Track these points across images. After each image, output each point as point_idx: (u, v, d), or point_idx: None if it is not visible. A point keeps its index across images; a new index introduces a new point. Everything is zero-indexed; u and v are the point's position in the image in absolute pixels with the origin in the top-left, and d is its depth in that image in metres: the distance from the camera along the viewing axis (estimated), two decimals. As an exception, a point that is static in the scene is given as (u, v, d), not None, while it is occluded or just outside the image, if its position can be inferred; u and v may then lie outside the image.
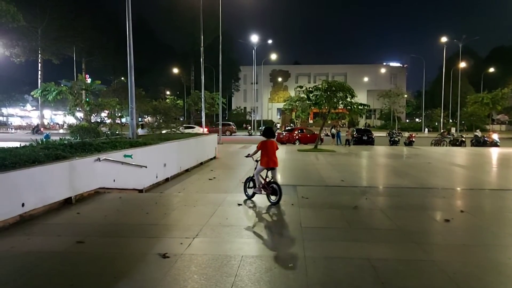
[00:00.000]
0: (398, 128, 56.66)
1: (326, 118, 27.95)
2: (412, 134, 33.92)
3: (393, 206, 9.01)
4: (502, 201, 9.66)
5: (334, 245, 5.78)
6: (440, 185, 11.99)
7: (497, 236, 6.39)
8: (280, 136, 33.87)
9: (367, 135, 34.11)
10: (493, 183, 13.46)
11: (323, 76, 68.96)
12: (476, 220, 7.55)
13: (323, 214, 7.72)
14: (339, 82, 25.96)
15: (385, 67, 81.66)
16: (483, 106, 57.43)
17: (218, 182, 12.61)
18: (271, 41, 58.47)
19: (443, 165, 18.36)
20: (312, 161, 18.79)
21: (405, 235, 6.31)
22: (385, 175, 15.23)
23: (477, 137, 35.16)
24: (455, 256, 5.41)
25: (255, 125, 55.96)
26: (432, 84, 79.35)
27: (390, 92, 64.49)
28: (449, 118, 67.01)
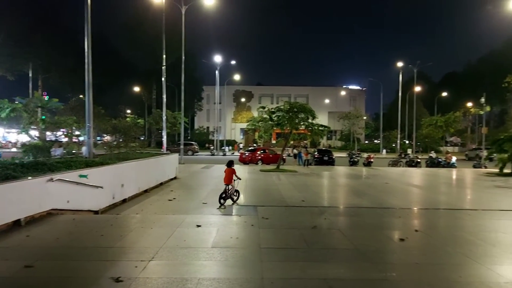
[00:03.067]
0: (357, 149, 58.09)
1: (288, 139, 28.26)
2: (371, 155, 34.81)
3: (351, 225, 9.15)
4: (455, 221, 10.02)
5: (292, 265, 5.78)
6: (397, 205, 12.31)
7: (450, 255, 6.59)
8: (243, 156, 33.89)
9: (328, 155, 34.71)
10: (447, 202, 13.97)
11: (285, 97, 69.95)
12: (429, 239, 7.79)
13: (282, 235, 7.72)
14: (300, 104, 26.42)
15: (345, 89, 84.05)
16: (437, 128, 60.05)
17: (178, 203, 12.39)
18: (235, 62, 58.90)
19: (399, 185, 18.91)
20: (274, 182, 18.85)
21: (361, 255, 6.40)
22: (345, 195, 15.49)
23: (431, 158, 36.53)
24: (409, 275, 5.53)
25: (218, 145, 55.75)
26: (389, 107, 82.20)
27: (350, 114, 66.23)
28: (406, 140, 69.43)
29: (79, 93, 60.09)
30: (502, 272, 5.52)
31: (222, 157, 46.22)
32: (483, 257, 6.30)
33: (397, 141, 61.58)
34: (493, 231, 8.52)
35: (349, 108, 74.74)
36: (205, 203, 11.72)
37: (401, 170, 29.25)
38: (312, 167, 29.68)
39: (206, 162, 33.37)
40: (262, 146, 44.10)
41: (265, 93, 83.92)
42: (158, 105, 60.25)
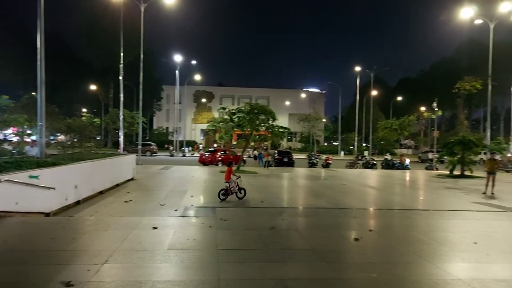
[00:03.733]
0: (317, 151, 59.10)
1: (249, 140, 28.33)
2: (329, 157, 35.51)
3: (309, 226, 9.29)
4: (407, 221, 10.38)
5: (249, 266, 5.78)
6: (353, 206, 12.61)
7: (402, 254, 6.82)
8: (203, 158, 33.61)
9: (288, 157, 35.08)
10: (400, 203, 14.46)
11: (246, 99, 70.22)
12: (383, 238, 8.03)
13: (240, 236, 7.72)
14: (261, 105, 26.54)
15: (305, 92, 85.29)
16: (392, 131, 62.17)
17: (134, 204, 12.10)
18: (195, 62, 58.15)
19: (356, 187, 19.39)
20: (233, 183, 18.82)
21: (317, 255, 6.50)
22: (303, 196, 15.70)
23: (387, 160, 37.72)
24: (363, 273, 5.67)
25: (177, 146, 55.00)
26: (347, 110, 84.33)
27: (310, 117, 67.33)
28: (363, 142, 71.39)
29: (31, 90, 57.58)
30: (449, 270, 5.77)
31: (182, 158, 45.66)
32: (433, 256, 6.57)
33: (355, 143, 63.20)
34: (442, 231, 8.90)
35: (309, 110, 75.98)
36: (163, 204, 11.53)
37: (358, 172, 30.01)
38: (272, 168, 29.89)
39: (165, 163, 32.83)
40: (223, 147, 43.96)
41: (226, 94, 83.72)
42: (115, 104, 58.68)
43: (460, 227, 9.30)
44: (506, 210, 12.20)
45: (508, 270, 5.94)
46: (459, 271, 5.78)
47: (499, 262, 6.32)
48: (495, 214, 11.60)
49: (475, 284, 5.11)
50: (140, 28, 30.66)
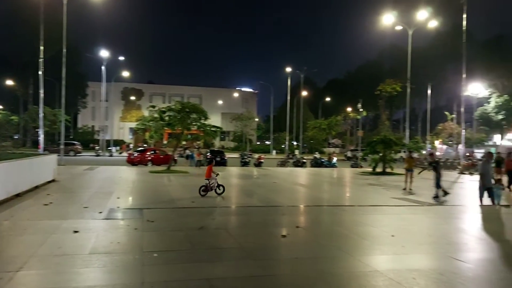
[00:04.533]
0: (249, 150, 59.63)
1: (180, 139, 27.86)
2: (261, 156, 35.99)
3: (238, 224, 9.33)
4: (333, 216, 10.80)
5: (175, 268, 5.66)
6: (283, 203, 12.86)
7: (326, 249, 7.06)
8: (131, 157, 32.45)
9: (220, 156, 35.03)
10: (327, 200, 15.02)
11: (178, 97, 68.85)
12: (309, 234, 8.27)
13: (167, 237, 7.55)
14: (192, 104, 26.24)
15: (237, 91, 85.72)
16: (321, 131, 64.56)
17: (55, 207, 11.36)
18: (123, 58, 55.93)
19: (287, 185, 19.84)
20: (164, 183, 18.42)
21: (245, 253, 6.54)
22: (235, 195, 15.74)
23: (316, 158, 39.08)
24: (288, 269, 5.80)
25: (104, 145, 52.66)
26: (279, 110, 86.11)
27: (242, 116, 67.82)
28: (294, 141, 73.26)
29: None
30: (369, 262, 6.07)
31: (109, 158, 43.82)
32: (354, 250, 6.88)
33: (286, 143, 64.69)
34: (364, 225, 9.36)
35: (242, 109, 76.51)
36: (86, 207, 10.94)
37: (289, 170, 30.74)
38: (205, 168, 29.59)
39: (90, 163, 31.28)
40: (153, 147, 42.83)
41: (156, 92, 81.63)
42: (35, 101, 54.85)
43: (380, 222, 9.85)
44: (422, 205, 13.12)
45: (421, 260, 6.37)
46: (377, 263, 6.10)
47: (413, 253, 6.77)
48: (412, 209, 12.43)
49: (391, 274, 5.42)
50: (63, 20, 28.93)
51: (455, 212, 12.10)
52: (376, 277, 5.35)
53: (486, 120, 67.45)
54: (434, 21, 36.67)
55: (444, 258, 6.45)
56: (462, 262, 6.23)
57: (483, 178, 12.75)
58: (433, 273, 5.58)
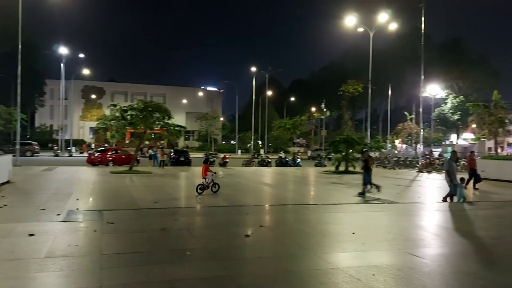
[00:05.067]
0: (214, 150, 59.36)
1: (143, 139, 27.37)
2: (226, 155, 35.89)
3: (201, 225, 9.26)
4: (296, 215, 10.90)
5: (135, 270, 5.54)
6: (247, 203, 12.87)
7: (288, 247, 7.11)
8: (91, 157, 31.53)
9: (185, 156, 34.68)
10: (291, 198, 15.15)
11: (141, 96, 67.57)
12: (272, 233, 8.31)
13: (127, 239, 7.38)
14: (155, 103, 25.83)
15: (202, 91, 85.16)
16: (286, 130, 65.08)
17: (9, 210, 10.86)
18: (84, 55, 54.15)
19: (251, 184, 19.88)
20: (125, 184, 18.01)
21: (208, 253, 6.49)
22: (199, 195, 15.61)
23: (280, 158, 39.38)
24: (250, 269, 5.79)
25: (63, 145, 50.92)
26: (244, 109, 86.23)
27: (207, 115, 67.40)
28: (259, 141, 73.58)
29: None
30: (330, 260, 6.16)
31: (68, 159, 42.48)
32: (316, 247, 6.96)
33: (251, 142, 64.85)
34: (326, 223, 9.50)
35: (207, 109, 76.05)
36: (43, 209, 10.53)
37: (254, 170, 30.80)
38: (168, 168, 29.27)
39: (48, 163, 30.16)
40: (115, 146, 41.84)
41: (118, 90, 79.71)
42: (-11, 99, 52.37)
43: (342, 219, 10.03)
44: (383, 202, 13.48)
45: (380, 257, 6.53)
46: (338, 260, 6.20)
47: (373, 250, 6.93)
48: (372, 206, 12.74)
49: (351, 271, 5.52)
50: (19, 15, 27.73)
51: (413, 209, 12.48)
52: (336, 274, 5.44)
53: (443, 120, 70.30)
54: (394, 24, 37.75)
55: (402, 254, 6.64)
56: (418, 257, 6.43)
57: (450, 175, 13.28)
58: (392, 269, 5.73)
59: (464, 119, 66.82)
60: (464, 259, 6.62)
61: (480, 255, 6.93)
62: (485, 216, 11.54)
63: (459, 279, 5.51)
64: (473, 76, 74.52)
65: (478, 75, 74.07)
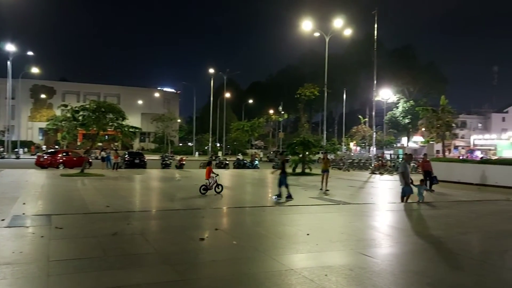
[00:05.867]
0: (171, 152, 58.47)
1: (95, 140, 26.52)
2: (183, 158, 35.38)
3: (156, 229, 9.07)
4: (252, 217, 10.92)
5: (84, 276, 5.33)
6: (204, 206, 12.74)
7: (243, 250, 7.11)
8: (40, 160, 30.10)
9: (139, 158, 33.90)
10: (248, 201, 15.19)
11: (94, 96, 65.29)
12: (227, 236, 8.27)
13: (77, 245, 7.10)
14: (109, 103, 25.15)
15: (159, 91, 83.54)
16: (244, 132, 65.25)
17: None
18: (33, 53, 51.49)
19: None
20: (76, 187, 17.36)
21: (161, 258, 6.36)
22: (154, 198, 15.33)
23: (238, 160, 39.39)
24: (204, 272, 5.73)
25: (9, 147, 48.32)
26: (202, 111, 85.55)
27: (164, 116, 66.28)
28: (217, 143, 73.24)
29: None
30: (284, 261, 6.21)
31: (15, 161, 40.39)
32: (271, 249, 6.99)
33: (209, 144, 64.43)
34: (282, 225, 9.58)
35: (163, 110, 74.73)
36: (-15, 214, 9.94)
37: (210, 172, 30.56)
38: (122, 171, 28.52)
39: (-7, 166, 28.55)
40: (66, 148, 40.23)
41: (70, 90, 76.60)
42: None
43: (297, 221, 10.15)
44: (338, 203, 13.79)
45: (333, 257, 6.66)
46: (292, 261, 6.26)
47: (326, 250, 7.06)
48: (327, 207, 12.99)
49: (305, 272, 5.59)
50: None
51: (366, 210, 12.84)
52: (290, 276, 5.48)
53: (395, 124, 72.97)
54: (349, 30, 38.78)
55: (354, 254, 6.80)
56: (370, 257, 6.61)
57: (404, 177, 13.75)
58: (344, 269, 5.85)
59: (414, 123, 69.68)
60: (413, 258, 6.87)
61: (428, 253, 7.21)
62: (434, 216, 12.06)
63: (408, 278, 5.71)
64: (423, 82, 77.97)
65: (427, 81, 77.61)
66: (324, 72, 39.71)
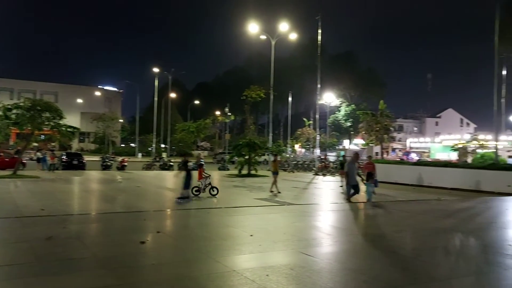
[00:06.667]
0: (112, 153, 56.47)
1: (30, 140, 25.01)
2: (124, 159, 34.27)
3: (94, 233, 8.73)
4: (196, 219, 10.81)
5: (14, 284, 5.03)
6: (146, 208, 12.43)
7: (185, 252, 7.00)
8: (-32, 161, 27.94)
9: (78, 159, 32.47)
10: (192, 203, 14.91)
11: (29, 94, 61.75)
12: (169, 239, 8.13)
13: (7, 250, 6.67)
14: (45, 102, 23.83)
15: (100, 90, 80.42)
16: (189, 133, 64.45)
17: None
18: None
19: (152, 189, 19.33)
20: (8, 190, 16.29)
21: (99, 262, 6.12)
22: (93, 201, 14.73)
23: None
24: (144, 276, 5.58)
25: None
26: (146, 111, 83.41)
27: (105, 116, 63.96)
28: (162, 144, 71.75)
29: None
30: (227, 263, 6.19)
31: None
32: (214, 251, 6.95)
33: (153, 145, 63.01)
34: (226, 227, 9.55)
35: (105, 109, 72.11)
36: None
37: (154, 174, 29.99)
38: (59, 172, 27.18)
39: None
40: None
41: (3, 87, 71.84)
42: None
43: (242, 222, 10.19)
44: (283, 204, 14.00)
45: (275, 258, 6.74)
46: (235, 263, 6.26)
47: (268, 251, 7.13)
48: (271, 208, 13.14)
49: (247, 273, 5.61)
50: None
51: (309, 210, 13.14)
52: (232, 277, 5.48)
53: (337, 127, 75.44)
54: (294, 34, 39.57)
55: (295, 254, 6.93)
56: (310, 256, 6.77)
57: (348, 177, 14.21)
58: (285, 268, 5.94)
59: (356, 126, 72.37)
60: (351, 256, 7.12)
61: (365, 252, 7.50)
62: (372, 215, 12.58)
63: (345, 275, 5.91)
64: (363, 87, 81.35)
65: (367, 86, 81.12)
66: (270, 74, 40.20)
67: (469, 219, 11.89)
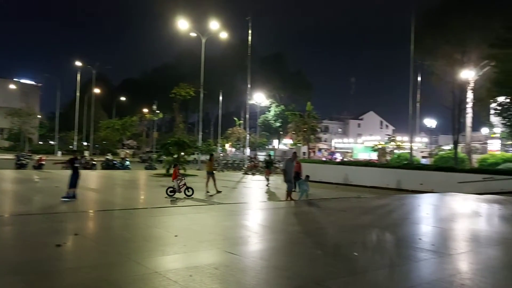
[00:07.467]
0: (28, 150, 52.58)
1: None
2: (42, 157, 32.09)
3: (4, 236, 8.10)
4: (118, 220, 10.37)
5: None
6: (64, 209, 11.72)
7: (105, 255, 6.69)
8: None
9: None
10: (116, 203, 14.40)
11: None
12: (88, 241, 7.72)
13: None
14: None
15: (15, 83, 74.63)
16: (115, 131, 61.90)
17: None
18: None
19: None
20: None
21: (8, 268, 5.64)
22: (6, 202, 13.66)
23: (108, 160, 37.24)
24: (60, 281, 5.24)
25: None
26: (67, 107, 78.74)
27: (21, 111, 59.50)
28: (84, 142, 68.17)
29: None
30: (149, 264, 6.00)
31: None
32: (136, 253, 6.71)
33: (74, 143, 59.72)
34: (150, 228, 9.27)
35: (21, 104, 66.99)
36: None
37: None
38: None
39: None
40: None
41: None
42: None
43: (166, 223, 9.97)
44: (211, 204, 13.92)
45: (200, 258, 6.66)
46: (158, 264, 6.09)
47: (193, 251, 7.03)
48: (197, 208, 13.00)
49: (170, 274, 5.48)
50: None
51: (237, 209, 13.19)
52: (154, 279, 5.32)
53: (267, 127, 76.87)
54: (225, 33, 39.60)
55: (221, 253, 6.91)
56: (235, 255, 6.78)
57: (285, 174, 14.53)
58: (209, 268, 5.89)
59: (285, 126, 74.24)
60: (276, 254, 7.25)
61: (289, 249, 7.67)
62: (297, 213, 12.93)
63: (269, 273, 6.01)
64: (291, 88, 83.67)
65: (295, 87, 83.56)
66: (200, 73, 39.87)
67: (385, 216, 12.67)
